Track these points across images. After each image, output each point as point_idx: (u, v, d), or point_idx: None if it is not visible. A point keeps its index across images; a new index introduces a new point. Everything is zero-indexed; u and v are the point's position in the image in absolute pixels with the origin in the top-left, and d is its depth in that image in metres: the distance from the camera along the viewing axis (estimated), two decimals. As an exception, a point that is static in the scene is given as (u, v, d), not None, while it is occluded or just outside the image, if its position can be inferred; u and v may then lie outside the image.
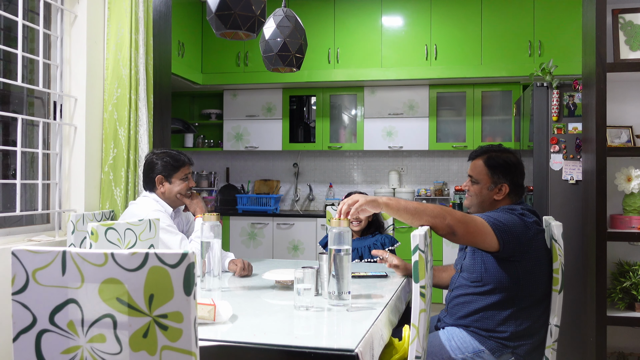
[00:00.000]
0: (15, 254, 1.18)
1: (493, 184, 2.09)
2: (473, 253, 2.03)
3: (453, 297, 2.08)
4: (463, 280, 2.05)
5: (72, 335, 1.17)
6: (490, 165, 2.10)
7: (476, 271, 1.99)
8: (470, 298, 2.00)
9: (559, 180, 3.23)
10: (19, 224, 2.65)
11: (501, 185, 2.08)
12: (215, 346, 1.39)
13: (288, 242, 4.92)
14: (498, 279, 1.94)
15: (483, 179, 2.11)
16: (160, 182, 2.50)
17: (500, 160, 2.11)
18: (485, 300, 1.96)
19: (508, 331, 1.92)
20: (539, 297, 1.98)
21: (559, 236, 2.02)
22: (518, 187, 2.12)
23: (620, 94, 2.77)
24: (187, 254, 1.11)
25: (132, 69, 2.90)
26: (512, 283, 1.93)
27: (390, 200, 1.85)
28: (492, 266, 1.95)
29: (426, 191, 5.13)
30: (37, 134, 2.73)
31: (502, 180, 2.08)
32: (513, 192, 2.10)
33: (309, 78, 4.93)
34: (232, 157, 5.67)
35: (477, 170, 2.13)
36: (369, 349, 1.45)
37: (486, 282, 1.96)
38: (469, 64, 4.69)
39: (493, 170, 2.09)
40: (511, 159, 2.11)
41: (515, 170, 2.10)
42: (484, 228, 1.85)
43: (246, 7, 1.91)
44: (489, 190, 2.10)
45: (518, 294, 1.93)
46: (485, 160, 2.12)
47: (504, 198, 2.10)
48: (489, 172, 2.10)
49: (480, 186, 2.11)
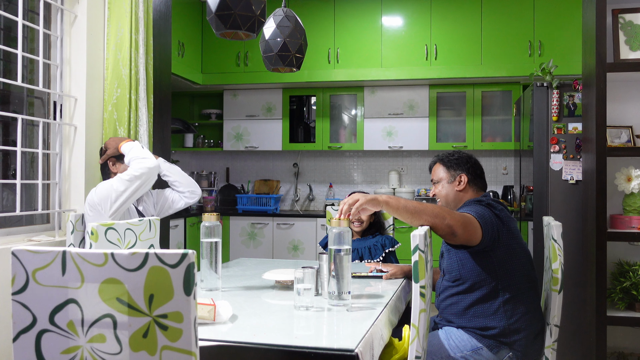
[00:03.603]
0: (15, 254, 1.18)
1: (452, 177, 2.21)
2: (449, 253, 2.07)
3: (441, 301, 2.11)
4: (446, 283, 2.09)
5: (72, 335, 1.17)
6: (444, 162, 2.25)
7: (454, 269, 2.02)
8: (456, 298, 2.02)
9: (559, 180, 3.23)
10: (19, 224, 2.65)
11: (459, 176, 2.19)
12: (215, 346, 1.39)
13: (288, 242, 4.92)
14: (475, 273, 1.97)
15: (442, 176, 2.24)
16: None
17: (453, 156, 2.25)
18: (470, 297, 1.98)
19: (499, 326, 1.94)
20: (522, 287, 1.99)
21: (559, 236, 2.02)
22: (477, 178, 2.21)
23: (620, 94, 2.77)
24: (187, 254, 1.11)
25: (132, 69, 2.90)
26: (489, 275, 1.96)
27: (391, 199, 1.87)
28: (468, 262, 1.98)
29: (426, 191, 5.13)
30: (37, 134, 2.73)
31: (458, 171, 2.20)
32: (473, 183, 2.20)
33: (309, 78, 4.92)
34: (232, 157, 5.67)
35: (436, 172, 2.27)
36: (369, 349, 1.45)
37: (465, 278, 1.99)
38: (469, 64, 4.69)
39: (447, 165, 2.23)
40: (463, 154, 2.26)
41: (469, 160, 2.23)
42: (474, 223, 1.89)
43: (246, 7, 1.91)
44: (449, 184, 2.21)
45: (498, 286, 1.96)
46: (440, 160, 2.27)
47: (465, 188, 2.18)
48: (444, 168, 2.23)
49: (442, 184, 2.23)
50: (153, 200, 2.78)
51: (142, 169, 2.42)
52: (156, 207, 2.78)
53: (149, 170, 2.42)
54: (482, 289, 1.96)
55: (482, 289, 1.96)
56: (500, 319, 1.94)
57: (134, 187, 2.41)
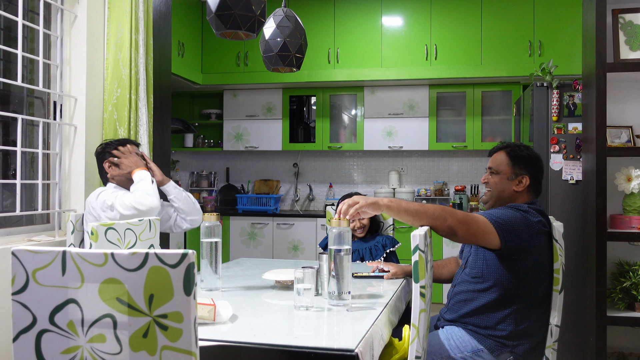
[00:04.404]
0: (15, 254, 1.18)
1: (514, 174, 2.08)
2: (476, 249, 2.03)
3: (455, 293, 2.08)
4: (465, 276, 2.05)
5: (72, 335, 1.17)
6: (512, 156, 2.09)
7: (477, 267, 1.99)
8: (472, 295, 2.00)
9: (559, 180, 3.23)
10: (19, 224, 2.65)
11: (522, 177, 2.07)
12: (215, 346, 1.39)
13: (288, 242, 4.92)
14: (499, 276, 1.93)
15: (504, 169, 2.09)
16: (109, 166, 2.57)
17: (522, 152, 2.10)
18: (485, 298, 1.96)
19: (507, 330, 1.92)
20: (540, 297, 1.97)
21: (560, 236, 2.01)
22: (537, 184, 2.10)
23: (620, 94, 2.77)
24: (187, 254, 1.11)
25: (132, 69, 2.90)
26: (512, 281, 1.92)
27: (391, 202, 1.83)
28: (494, 263, 1.94)
29: (426, 191, 5.13)
30: (37, 134, 2.73)
31: (523, 171, 2.07)
32: (532, 187, 2.09)
33: (309, 78, 4.93)
34: (232, 157, 5.67)
35: (498, 161, 2.11)
36: (369, 349, 1.45)
37: (487, 278, 1.96)
38: (469, 64, 4.69)
39: (515, 160, 2.08)
40: (533, 153, 2.12)
41: (537, 163, 2.10)
42: (486, 227, 1.84)
43: (246, 7, 1.91)
44: (508, 181, 2.08)
45: (518, 293, 1.93)
46: (508, 152, 2.11)
47: (523, 191, 2.08)
48: (510, 162, 2.09)
49: (500, 177, 2.09)
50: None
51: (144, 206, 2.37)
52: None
53: (148, 210, 2.39)
54: (500, 292, 1.93)
55: (500, 292, 1.93)
56: (510, 323, 1.92)
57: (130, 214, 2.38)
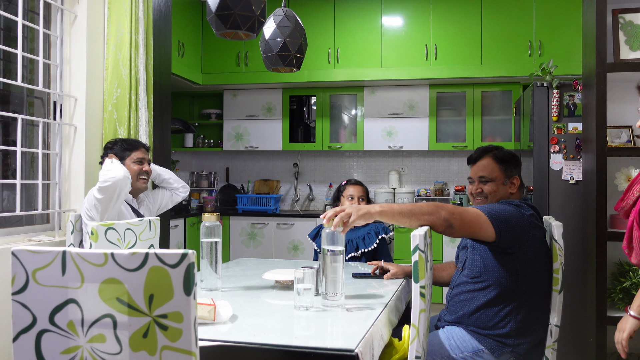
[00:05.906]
0: (15, 254, 1.18)
1: (507, 178, 2.08)
2: (473, 249, 2.02)
3: (454, 295, 2.08)
4: (463, 278, 2.05)
5: (72, 335, 1.17)
6: (500, 160, 2.08)
7: (475, 267, 1.99)
8: (471, 295, 2.00)
9: (559, 180, 3.23)
10: (19, 224, 2.65)
11: (514, 179, 2.08)
12: (215, 346, 1.39)
13: (288, 242, 4.92)
14: (497, 274, 1.94)
15: (497, 175, 2.08)
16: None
17: (507, 153, 2.10)
18: (485, 297, 1.95)
19: (507, 327, 1.92)
20: (538, 293, 1.98)
21: (560, 236, 2.01)
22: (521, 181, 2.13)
23: (620, 94, 2.77)
24: (187, 254, 1.11)
25: (132, 69, 2.90)
26: (510, 277, 1.93)
27: (384, 207, 1.79)
28: (491, 261, 1.95)
29: (426, 191, 5.13)
30: (37, 134, 2.73)
31: (513, 172, 2.08)
32: (521, 186, 2.10)
33: (309, 78, 4.93)
34: (232, 157, 5.67)
35: (489, 168, 2.09)
36: (369, 349, 1.45)
37: (485, 277, 1.96)
38: (469, 64, 4.69)
39: (504, 164, 2.08)
40: (513, 152, 2.13)
41: (519, 161, 2.11)
42: (480, 218, 1.84)
43: (246, 7, 1.91)
44: (504, 186, 2.08)
45: (516, 289, 1.93)
46: (494, 156, 2.09)
47: (516, 192, 2.08)
48: (500, 167, 2.08)
49: (496, 183, 2.08)
50: (150, 200, 2.79)
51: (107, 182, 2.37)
52: (154, 204, 2.81)
53: (115, 180, 2.38)
54: (498, 290, 1.93)
55: (498, 290, 1.93)
56: (509, 321, 1.92)
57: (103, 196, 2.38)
